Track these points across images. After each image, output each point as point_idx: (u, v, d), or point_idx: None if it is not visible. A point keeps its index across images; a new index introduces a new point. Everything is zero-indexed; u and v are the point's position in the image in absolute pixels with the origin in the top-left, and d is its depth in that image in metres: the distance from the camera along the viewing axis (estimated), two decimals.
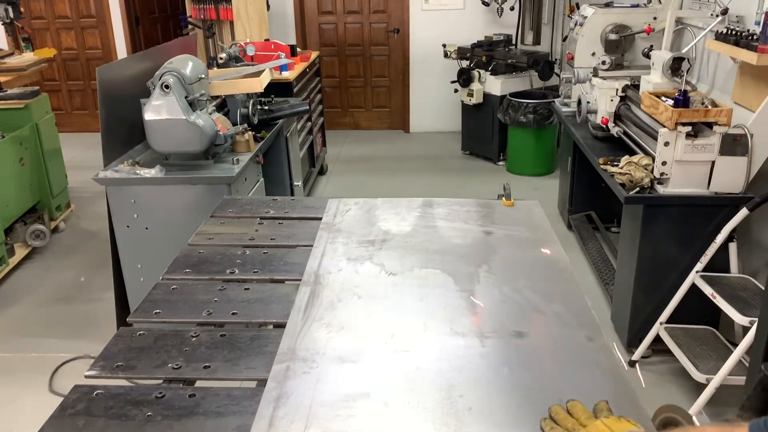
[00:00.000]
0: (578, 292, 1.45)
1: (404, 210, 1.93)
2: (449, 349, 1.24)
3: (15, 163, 4.04)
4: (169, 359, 1.27)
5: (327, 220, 1.88)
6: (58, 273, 4.00)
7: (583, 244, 4.02)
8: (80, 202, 4.94)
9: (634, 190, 2.72)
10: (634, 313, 2.88)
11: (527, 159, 5.57)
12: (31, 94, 4.28)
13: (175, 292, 1.53)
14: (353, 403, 1.09)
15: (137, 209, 2.88)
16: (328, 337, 1.29)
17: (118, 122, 3.02)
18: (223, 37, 5.60)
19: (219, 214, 2.01)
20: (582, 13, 4.11)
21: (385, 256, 1.63)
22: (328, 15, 6.84)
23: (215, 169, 2.92)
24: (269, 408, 1.08)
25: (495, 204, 1.95)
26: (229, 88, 3.38)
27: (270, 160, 3.78)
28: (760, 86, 2.85)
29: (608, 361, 1.20)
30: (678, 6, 3.41)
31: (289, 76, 4.66)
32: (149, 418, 1.10)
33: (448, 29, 6.39)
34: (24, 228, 4.12)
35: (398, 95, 7.03)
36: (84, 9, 6.87)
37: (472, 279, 1.51)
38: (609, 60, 3.67)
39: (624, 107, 3.30)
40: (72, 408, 1.13)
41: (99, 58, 6.84)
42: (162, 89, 2.78)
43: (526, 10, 5.93)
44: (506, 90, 5.57)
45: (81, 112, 7.20)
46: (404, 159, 6.18)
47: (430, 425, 1.04)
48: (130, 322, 1.44)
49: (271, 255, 1.72)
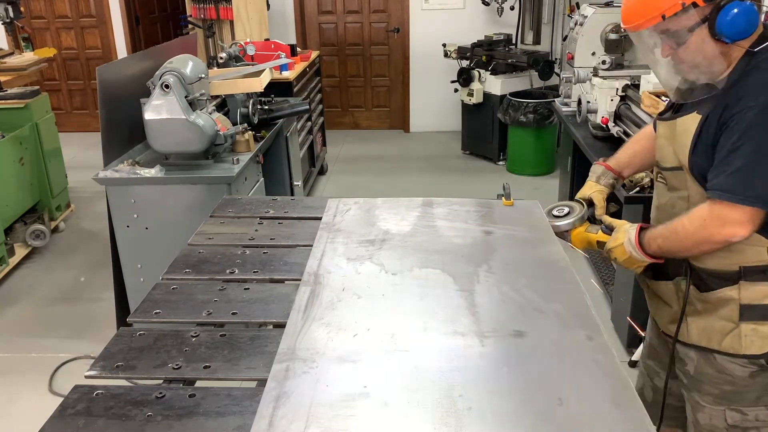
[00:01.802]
0: (578, 291, 1.45)
1: (404, 210, 1.93)
2: (449, 349, 1.24)
3: (15, 162, 4.04)
4: (169, 359, 1.27)
5: (327, 219, 1.88)
6: (58, 273, 4.00)
7: None
8: (80, 202, 4.94)
9: (634, 190, 2.72)
10: (634, 313, 2.88)
11: (527, 159, 5.57)
12: (31, 94, 4.28)
13: (175, 292, 1.53)
14: (353, 403, 1.09)
15: (137, 209, 2.88)
16: (328, 337, 1.29)
17: (118, 122, 3.02)
18: (223, 37, 5.60)
19: (219, 214, 2.01)
20: (582, 12, 4.11)
21: (385, 255, 1.63)
22: (328, 14, 6.84)
23: (215, 168, 2.92)
24: (269, 408, 1.08)
25: (495, 204, 1.95)
26: (229, 88, 3.38)
27: (270, 159, 3.78)
28: None
29: (608, 360, 1.20)
30: None
31: (289, 75, 4.66)
32: (149, 418, 1.10)
33: (448, 29, 6.39)
34: (24, 228, 4.12)
35: (398, 95, 7.03)
36: (84, 9, 6.87)
37: (472, 279, 1.51)
38: (609, 59, 3.67)
39: (624, 107, 3.30)
40: (72, 408, 1.13)
41: (99, 58, 6.84)
42: (162, 89, 2.78)
43: (526, 9, 5.93)
44: (506, 90, 5.57)
45: (81, 112, 7.20)
46: (404, 159, 6.18)
47: (430, 425, 1.04)
48: (130, 322, 1.44)
49: (271, 255, 1.72)
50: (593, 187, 1.86)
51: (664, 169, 1.63)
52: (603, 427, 1.05)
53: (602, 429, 1.04)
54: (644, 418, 1.05)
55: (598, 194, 1.84)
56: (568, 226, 1.77)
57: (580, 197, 1.86)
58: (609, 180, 1.86)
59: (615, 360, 1.20)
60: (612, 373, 1.17)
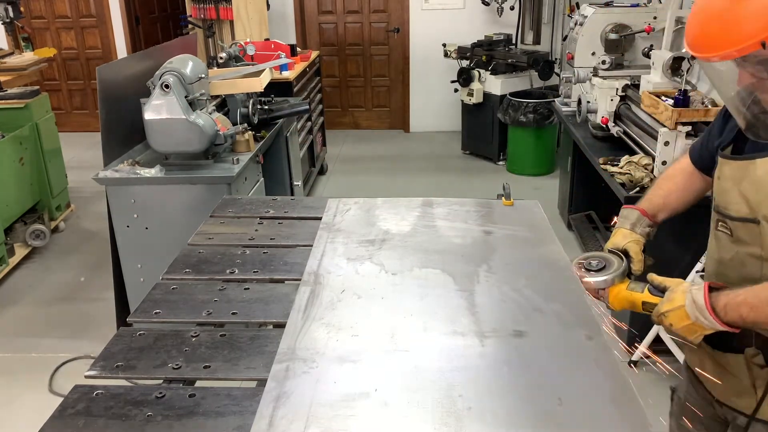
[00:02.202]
0: (578, 291, 1.45)
1: (404, 210, 1.93)
2: (449, 349, 1.24)
3: (15, 162, 4.04)
4: (169, 359, 1.27)
5: (327, 219, 1.88)
6: (58, 273, 4.00)
7: (583, 244, 4.02)
8: (80, 202, 4.94)
9: (634, 189, 2.72)
10: (634, 313, 2.87)
11: (527, 159, 5.57)
12: (31, 94, 4.28)
13: (175, 292, 1.53)
14: (353, 403, 1.09)
15: (137, 209, 2.88)
16: (327, 337, 1.29)
17: (118, 122, 3.02)
18: (223, 37, 5.60)
19: (219, 214, 2.01)
20: (582, 12, 4.11)
21: (385, 255, 1.63)
22: (328, 14, 6.84)
23: (215, 168, 2.92)
24: (269, 408, 1.08)
25: (495, 204, 1.95)
26: (229, 88, 3.38)
27: (270, 159, 3.78)
28: None
29: (608, 360, 1.20)
30: (678, 5, 3.41)
31: (289, 75, 4.66)
32: (149, 418, 1.10)
33: (448, 29, 6.39)
34: (24, 228, 4.12)
35: (398, 95, 7.03)
36: (84, 8, 6.87)
37: (472, 279, 1.50)
38: (609, 59, 3.67)
39: (624, 107, 3.30)
40: (72, 408, 1.13)
41: (99, 58, 6.84)
42: (162, 89, 2.78)
43: (526, 9, 5.93)
44: (506, 89, 5.57)
45: (81, 112, 7.20)
46: (404, 159, 6.18)
47: (430, 425, 1.04)
48: (130, 322, 1.44)
49: (270, 255, 1.72)
50: (627, 236, 1.57)
51: (729, 217, 1.38)
52: (603, 427, 1.05)
53: (602, 429, 1.04)
54: (644, 418, 1.05)
55: (634, 245, 1.55)
56: (606, 284, 1.50)
57: (612, 247, 1.57)
58: (645, 228, 1.59)
59: (615, 360, 1.20)
60: (612, 373, 1.17)
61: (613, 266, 1.50)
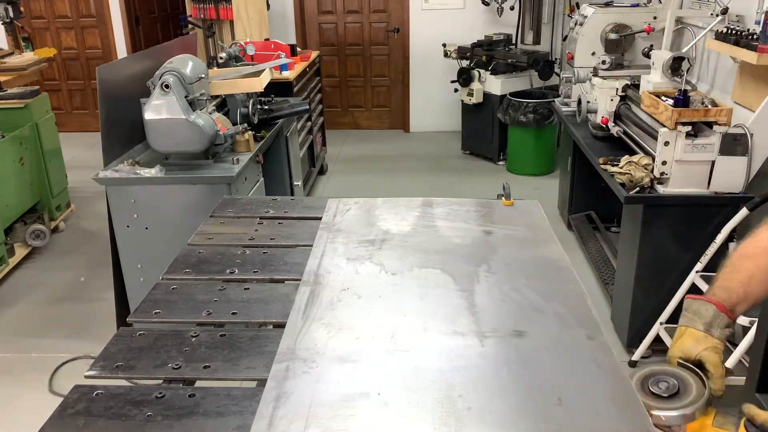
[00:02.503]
0: (578, 291, 1.45)
1: (404, 210, 1.93)
2: (449, 349, 1.24)
3: (15, 162, 4.04)
4: (169, 359, 1.27)
5: (327, 219, 1.88)
6: (58, 273, 4.00)
7: (583, 244, 4.02)
8: (80, 202, 4.94)
9: (634, 189, 2.72)
10: (634, 313, 2.88)
11: (527, 159, 5.57)
12: (31, 94, 4.28)
13: (175, 292, 1.53)
14: (353, 403, 1.09)
15: (137, 209, 2.88)
16: (327, 336, 1.29)
17: (118, 122, 3.02)
18: (223, 37, 5.60)
19: (219, 214, 2.01)
20: (582, 12, 4.11)
21: (385, 255, 1.63)
22: (328, 14, 6.84)
23: (215, 168, 2.92)
24: (269, 408, 1.08)
25: (495, 204, 1.95)
26: (229, 88, 3.38)
27: (270, 159, 3.78)
28: (760, 86, 2.85)
29: (608, 360, 1.20)
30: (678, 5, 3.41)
31: (289, 75, 4.66)
32: (149, 418, 1.10)
33: (448, 29, 6.39)
34: (24, 228, 4.12)
35: (398, 95, 7.03)
36: (84, 8, 6.87)
37: (472, 279, 1.50)
38: (609, 59, 3.67)
39: (624, 107, 3.30)
40: (72, 408, 1.13)
41: (99, 58, 6.84)
42: (162, 89, 2.78)
43: (526, 9, 5.93)
44: (506, 89, 5.57)
45: (81, 112, 7.20)
46: (404, 159, 6.18)
47: (430, 425, 1.04)
48: (130, 322, 1.44)
49: (270, 255, 1.72)
50: (702, 341, 1.15)
51: None
52: (603, 427, 1.05)
53: (602, 429, 1.04)
54: (644, 418, 1.05)
55: (712, 354, 1.13)
56: (684, 420, 1.08)
57: (681, 357, 1.16)
58: (725, 330, 1.17)
59: (615, 360, 1.20)
60: (612, 372, 1.17)
61: (691, 391, 1.10)
